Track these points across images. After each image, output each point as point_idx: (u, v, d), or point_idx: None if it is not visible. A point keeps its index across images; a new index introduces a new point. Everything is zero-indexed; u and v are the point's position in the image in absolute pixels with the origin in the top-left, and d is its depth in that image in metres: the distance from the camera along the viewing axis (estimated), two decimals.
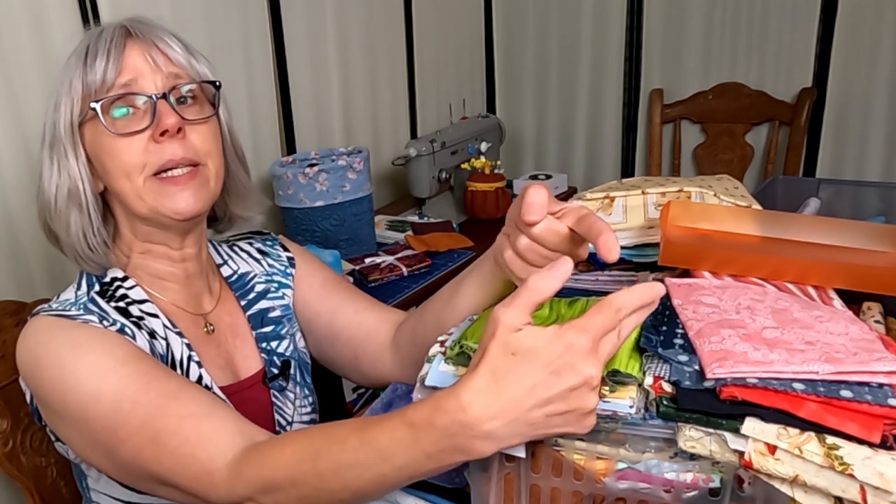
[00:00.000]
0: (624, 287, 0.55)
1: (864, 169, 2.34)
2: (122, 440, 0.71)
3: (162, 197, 0.79)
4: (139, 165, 0.78)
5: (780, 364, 0.56)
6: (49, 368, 0.73)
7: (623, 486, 0.62)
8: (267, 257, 1.01)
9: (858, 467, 0.51)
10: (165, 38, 0.80)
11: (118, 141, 0.78)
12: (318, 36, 2.01)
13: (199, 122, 0.81)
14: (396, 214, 2.13)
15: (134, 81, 0.78)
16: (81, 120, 0.79)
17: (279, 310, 0.98)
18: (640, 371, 0.60)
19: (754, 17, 2.40)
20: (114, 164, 0.79)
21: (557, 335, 0.54)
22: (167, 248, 0.86)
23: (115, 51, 0.77)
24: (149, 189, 0.79)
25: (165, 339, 0.83)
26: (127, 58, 0.78)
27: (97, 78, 0.77)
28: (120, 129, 0.77)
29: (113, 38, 0.78)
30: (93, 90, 0.77)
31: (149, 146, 0.78)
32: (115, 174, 0.79)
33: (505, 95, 2.89)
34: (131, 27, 0.79)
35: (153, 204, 0.79)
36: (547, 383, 0.53)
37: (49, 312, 0.78)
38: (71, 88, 0.78)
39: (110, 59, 0.77)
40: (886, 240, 0.85)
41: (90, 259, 0.83)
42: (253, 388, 0.91)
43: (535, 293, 0.56)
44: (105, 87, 0.77)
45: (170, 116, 0.77)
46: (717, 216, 0.90)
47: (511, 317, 0.55)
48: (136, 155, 0.78)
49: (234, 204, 0.92)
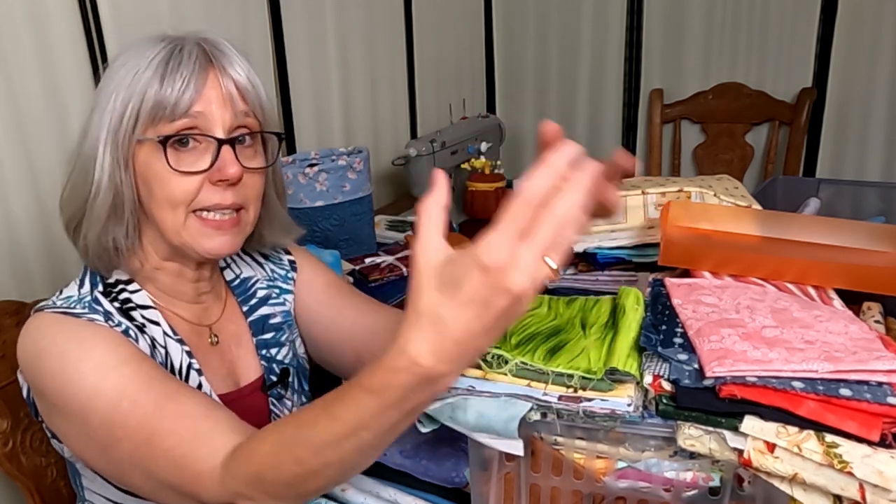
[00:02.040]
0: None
1: (864, 169, 2.34)
2: (119, 439, 0.71)
3: (200, 236, 0.79)
4: (186, 201, 0.77)
5: (780, 363, 0.56)
6: (52, 361, 0.73)
7: (623, 485, 0.62)
8: (269, 261, 1.01)
9: (857, 465, 0.51)
10: (241, 70, 0.78)
11: (175, 176, 0.76)
12: (318, 36, 2.01)
13: (256, 171, 0.81)
14: (396, 214, 2.13)
15: (204, 114, 0.76)
16: (141, 139, 0.77)
17: (280, 316, 0.98)
18: (638, 370, 0.60)
19: (754, 17, 2.40)
20: (162, 193, 0.77)
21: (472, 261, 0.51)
22: (183, 268, 0.85)
23: (196, 76, 0.75)
24: (189, 226, 0.78)
25: (165, 348, 0.82)
26: (206, 88, 0.76)
27: (172, 100, 0.74)
28: (180, 164, 0.76)
29: (194, 58, 0.76)
30: (164, 111, 0.75)
31: (203, 186, 0.77)
32: (159, 202, 0.78)
33: (505, 95, 2.89)
34: (211, 53, 0.77)
35: (189, 241, 0.79)
36: (480, 315, 0.51)
37: (54, 309, 0.78)
38: (143, 102, 0.75)
39: (191, 83, 0.75)
40: (886, 240, 0.85)
41: (109, 263, 0.82)
42: (252, 395, 0.91)
43: (429, 217, 0.55)
44: (177, 112, 0.75)
45: (233, 166, 0.77)
46: (717, 216, 0.90)
47: (426, 255, 0.54)
48: (188, 192, 0.77)
49: (266, 229, 0.92)
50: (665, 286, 0.76)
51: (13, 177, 1.32)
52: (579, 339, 0.66)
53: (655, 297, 0.74)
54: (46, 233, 1.36)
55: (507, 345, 0.65)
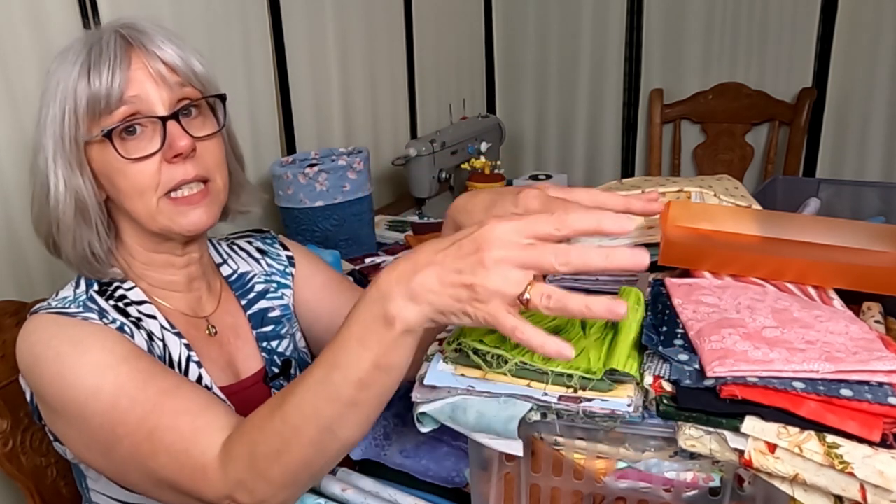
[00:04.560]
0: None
1: (864, 169, 2.34)
2: (120, 437, 0.71)
3: (176, 216, 0.79)
4: (152, 186, 0.78)
5: (780, 363, 0.56)
6: (49, 365, 0.73)
7: (623, 486, 0.62)
8: (266, 256, 1.01)
9: (858, 466, 0.51)
10: (164, 45, 0.78)
11: (130, 165, 0.77)
12: (318, 36, 2.01)
13: (208, 138, 0.81)
14: (396, 214, 2.13)
15: (139, 98, 0.76)
16: (89, 140, 0.77)
17: (279, 310, 0.98)
18: (637, 371, 0.60)
19: (754, 17, 2.40)
20: (126, 184, 0.78)
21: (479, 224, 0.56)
22: (171, 255, 0.86)
23: (120, 64, 0.75)
24: (162, 209, 0.79)
25: (163, 341, 0.83)
26: (132, 71, 0.76)
27: (104, 91, 0.75)
28: (131, 152, 0.76)
29: (114, 48, 0.76)
30: (99, 105, 0.75)
31: (161, 167, 0.78)
32: (127, 194, 0.78)
33: (505, 95, 2.89)
34: (130, 37, 0.77)
35: (167, 223, 0.79)
36: (444, 245, 0.57)
37: (49, 310, 0.78)
38: (76, 103, 0.75)
39: (117, 70, 0.75)
40: (886, 240, 0.84)
41: (95, 269, 0.83)
42: (254, 387, 0.91)
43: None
44: (112, 102, 0.75)
45: (182, 139, 0.77)
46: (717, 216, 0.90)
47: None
48: (149, 177, 0.77)
49: (232, 200, 0.92)
50: (665, 286, 0.76)
51: (13, 177, 1.32)
52: (579, 338, 0.66)
53: (656, 296, 0.74)
54: None
55: (507, 344, 0.65)
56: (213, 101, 0.84)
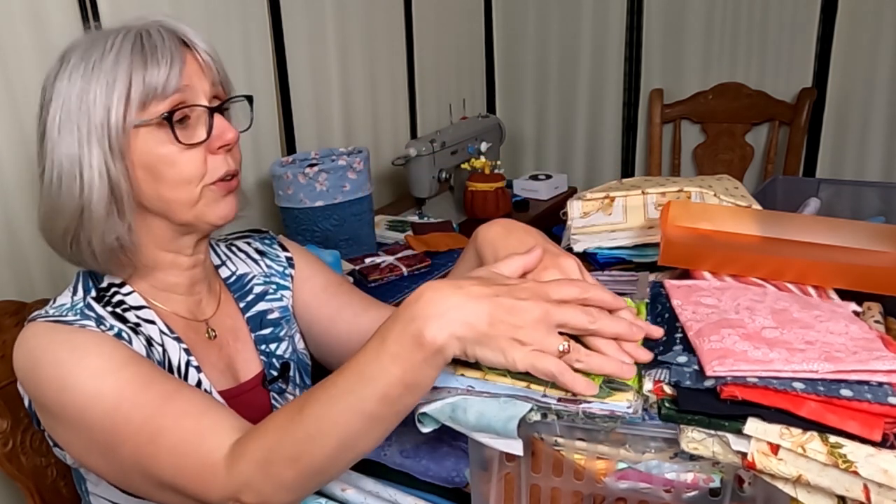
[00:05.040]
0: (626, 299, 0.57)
1: (864, 169, 2.34)
2: (122, 441, 0.71)
3: (214, 204, 0.81)
4: (199, 175, 0.79)
5: (780, 363, 0.56)
6: (48, 370, 0.73)
7: (623, 486, 0.62)
8: (265, 257, 1.01)
9: (862, 464, 0.51)
10: (204, 44, 0.81)
11: (182, 153, 0.77)
12: (318, 36, 2.01)
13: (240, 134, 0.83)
14: (396, 214, 2.13)
15: (190, 87, 0.77)
16: (139, 124, 0.76)
17: (277, 311, 0.98)
18: (636, 381, 0.60)
19: (754, 17, 2.40)
20: (173, 172, 0.78)
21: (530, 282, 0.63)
22: (179, 255, 0.85)
23: (177, 53, 0.76)
24: (204, 197, 0.80)
25: (162, 346, 0.82)
26: (186, 63, 0.77)
27: (163, 78, 0.75)
28: (184, 139, 0.77)
29: (166, 39, 0.77)
30: (155, 90, 0.75)
31: (207, 157, 0.79)
32: (171, 183, 0.78)
33: (505, 95, 2.89)
34: (177, 31, 0.79)
35: (203, 210, 0.80)
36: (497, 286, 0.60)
37: (46, 318, 0.77)
38: (130, 85, 0.74)
39: (175, 60, 0.76)
40: (886, 240, 0.84)
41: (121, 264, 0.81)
42: (253, 391, 0.91)
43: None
44: (169, 87, 0.75)
45: (230, 131, 0.80)
46: (717, 216, 0.90)
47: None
48: (197, 165, 0.78)
49: None
50: (664, 287, 0.76)
51: (13, 177, 1.32)
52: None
53: (655, 298, 0.74)
54: None
55: None
56: (231, 103, 0.85)
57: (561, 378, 0.57)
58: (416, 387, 0.60)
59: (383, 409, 0.61)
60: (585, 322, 0.60)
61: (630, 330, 0.61)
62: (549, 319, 0.59)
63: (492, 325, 0.58)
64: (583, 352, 0.59)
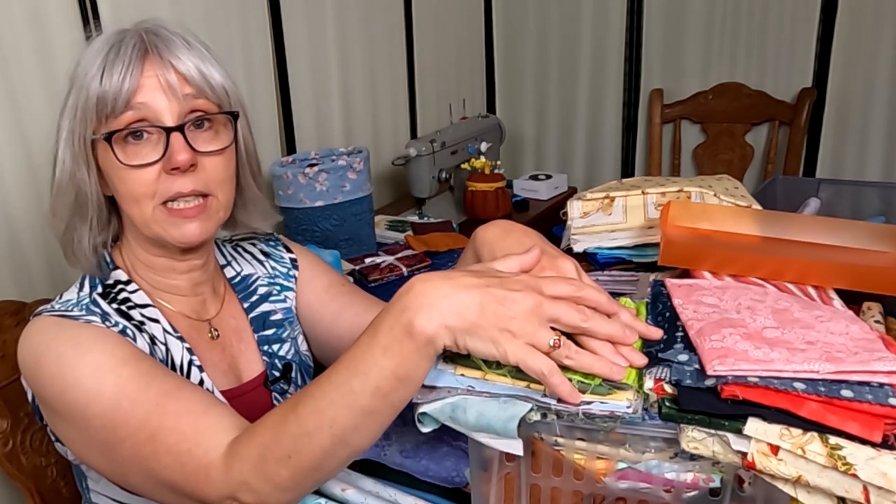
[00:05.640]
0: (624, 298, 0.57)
1: (864, 169, 2.34)
2: (121, 439, 0.71)
3: (169, 226, 0.79)
4: (148, 194, 0.78)
5: (781, 363, 0.56)
6: (50, 366, 0.73)
7: (623, 486, 0.62)
8: (270, 259, 1.01)
9: (861, 467, 0.51)
10: (182, 55, 0.77)
11: (129, 171, 0.77)
12: (318, 36, 2.01)
13: (214, 154, 0.80)
14: (396, 214, 2.13)
15: (147, 104, 0.76)
16: (94, 139, 0.77)
17: (281, 313, 0.98)
18: (636, 380, 0.60)
19: (754, 17, 2.40)
20: (124, 188, 0.78)
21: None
22: (171, 260, 0.85)
23: (133, 66, 0.75)
24: (156, 218, 0.79)
25: (165, 345, 0.83)
26: (143, 78, 0.76)
27: (112, 94, 0.75)
28: (131, 158, 0.76)
29: (130, 52, 0.75)
30: (106, 108, 0.75)
31: (160, 176, 0.77)
32: (125, 198, 0.79)
33: (505, 95, 2.89)
34: (149, 44, 0.77)
35: (159, 232, 0.80)
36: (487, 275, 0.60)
37: (52, 313, 0.78)
38: (87, 100, 0.76)
39: (128, 75, 0.75)
40: (886, 240, 0.84)
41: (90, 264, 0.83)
42: (255, 391, 0.91)
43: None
44: (118, 107, 0.75)
45: (182, 153, 0.76)
46: (717, 216, 0.90)
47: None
48: (146, 185, 0.77)
49: (241, 213, 0.91)
50: (665, 286, 0.76)
51: (13, 177, 1.32)
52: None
53: (656, 297, 0.74)
54: (46, 233, 1.36)
55: None
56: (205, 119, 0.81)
57: (549, 378, 0.57)
58: (409, 379, 0.59)
59: (376, 402, 0.60)
60: (577, 319, 0.59)
61: (623, 333, 0.61)
62: (540, 312, 0.58)
63: (482, 315, 0.57)
64: (573, 348, 0.59)
